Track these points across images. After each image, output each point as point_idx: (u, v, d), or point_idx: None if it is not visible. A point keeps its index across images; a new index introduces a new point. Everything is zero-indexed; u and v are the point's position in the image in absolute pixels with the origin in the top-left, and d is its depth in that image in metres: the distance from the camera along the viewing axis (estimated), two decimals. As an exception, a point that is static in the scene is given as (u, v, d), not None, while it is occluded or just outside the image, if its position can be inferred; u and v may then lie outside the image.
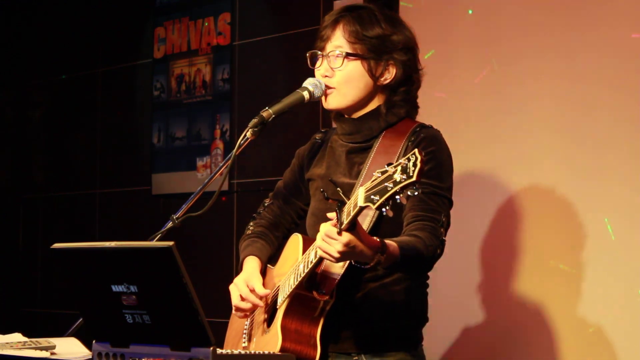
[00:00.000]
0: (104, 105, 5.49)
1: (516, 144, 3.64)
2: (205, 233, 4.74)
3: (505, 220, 3.66)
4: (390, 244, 2.38)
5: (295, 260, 2.61)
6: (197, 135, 4.92)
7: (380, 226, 2.57)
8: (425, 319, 2.74)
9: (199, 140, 4.91)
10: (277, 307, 2.63)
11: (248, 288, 2.68)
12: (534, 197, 3.58)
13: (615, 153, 3.39)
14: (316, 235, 2.38)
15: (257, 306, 2.68)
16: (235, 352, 2.28)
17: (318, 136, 2.91)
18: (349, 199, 2.28)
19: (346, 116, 2.74)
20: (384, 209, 2.14)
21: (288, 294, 2.56)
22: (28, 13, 5.83)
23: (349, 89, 2.68)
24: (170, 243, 2.02)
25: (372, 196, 2.15)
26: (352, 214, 2.23)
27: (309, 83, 2.70)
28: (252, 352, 2.26)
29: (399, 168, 2.12)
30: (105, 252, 2.13)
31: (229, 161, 2.68)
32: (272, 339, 2.56)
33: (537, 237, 3.56)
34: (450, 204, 2.63)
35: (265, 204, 2.95)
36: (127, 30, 5.36)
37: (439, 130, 2.70)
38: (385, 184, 2.13)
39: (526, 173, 3.61)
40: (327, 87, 2.69)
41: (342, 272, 2.53)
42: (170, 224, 2.72)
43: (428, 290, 2.76)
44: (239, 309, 2.70)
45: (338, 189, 2.31)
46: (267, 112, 2.66)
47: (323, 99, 2.71)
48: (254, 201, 3.31)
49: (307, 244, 2.59)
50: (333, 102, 2.70)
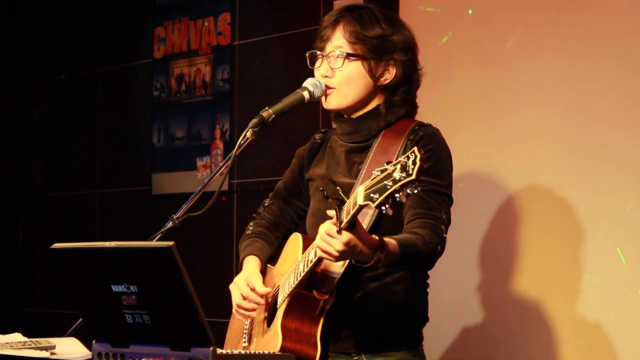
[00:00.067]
0: (104, 105, 5.49)
1: (516, 145, 3.63)
2: (205, 233, 4.73)
3: (505, 220, 3.65)
4: (390, 241, 2.38)
5: (295, 260, 2.61)
6: (197, 135, 4.92)
7: (380, 225, 2.57)
8: (426, 319, 2.74)
9: (199, 140, 4.91)
10: (277, 307, 2.63)
11: (249, 287, 2.68)
12: (534, 197, 3.58)
13: (614, 153, 3.39)
14: (316, 235, 2.38)
15: (259, 305, 2.68)
16: (235, 352, 2.28)
17: (318, 136, 2.90)
18: (348, 198, 2.28)
19: (345, 116, 2.75)
20: (383, 208, 2.14)
21: (288, 293, 2.56)
22: (28, 13, 5.82)
23: (349, 89, 2.68)
24: (170, 243, 2.02)
25: (372, 194, 2.15)
26: (352, 212, 2.23)
27: (309, 83, 2.70)
28: (252, 352, 2.26)
29: (399, 166, 2.12)
30: (105, 252, 2.13)
31: (229, 161, 2.68)
32: (272, 339, 2.56)
33: (537, 237, 3.56)
34: (450, 201, 2.63)
35: (265, 204, 2.95)
36: (127, 30, 5.35)
37: (437, 129, 2.70)
38: (385, 183, 2.13)
39: (526, 173, 3.61)
40: (328, 87, 2.69)
41: (342, 271, 2.53)
42: (170, 224, 2.72)
43: (428, 290, 2.76)
44: (240, 308, 2.70)
45: (338, 188, 2.30)
46: (267, 112, 2.66)
47: (323, 99, 2.71)
48: (254, 201, 3.30)
49: (307, 243, 2.59)
50: (333, 103, 2.70)
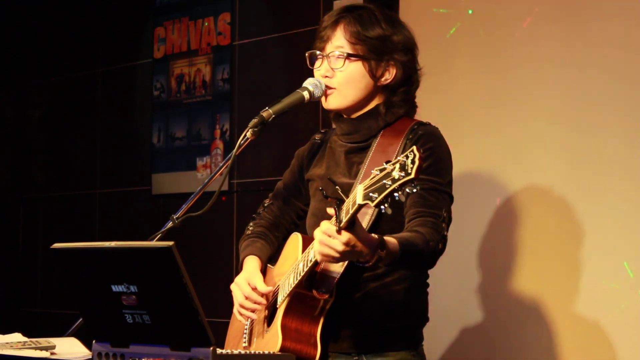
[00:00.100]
0: (104, 105, 5.49)
1: (516, 143, 3.64)
2: (205, 233, 4.73)
3: (504, 220, 3.65)
4: (390, 240, 2.38)
5: (295, 259, 2.61)
6: (197, 135, 4.92)
7: (380, 225, 2.57)
8: (426, 319, 2.74)
9: (199, 140, 4.91)
10: (277, 307, 2.63)
11: (250, 287, 2.68)
12: (533, 197, 3.58)
13: (616, 147, 3.39)
14: (316, 236, 2.37)
15: (261, 304, 2.67)
16: (235, 352, 2.28)
17: (317, 137, 2.90)
18: (347, 198, 2.28)
19: (345, 116, 2.74)
20: (382, 207, 2.14)
21: (288, 293, 2.56)
22: (28, 13, 5.82)
23: (350, 89, 2.68)
24: (170, 243, 2.02)
25: (371, 194, 2.14)
26: (351, 212, 2.22)
27: (309, 83, 2.70)
28: (252, 352, 2.26)
29: (397, 165, 2.11)
30: (105, 252, 2.13)
31: (229, 161, 2.68)
32: (273, 338, 2.56)
33: (537, 238, 3.56)
34: (450, 199, 2.63)
35: (265, 205, 2.95)
36: (127, 30, 5.35)
37: (437, 127, 2.70)
38: (384, 182, 2.13)
39: (526, 174, 3.60)
40: (328, 88, 2.69)
41: (342, 271, 2.53)
42: (170, 224, 2.72)
43: (428, 290, 2.76)
44: (243, 308, 2.69)
45: (337, 187, 2.30)
46: (267, 112, 2.66)
47: (323, 99, 2.71)
48: (254, 201, 3.30)
49: (307, 242, 2.59)
50: (333, 103, 2.70)
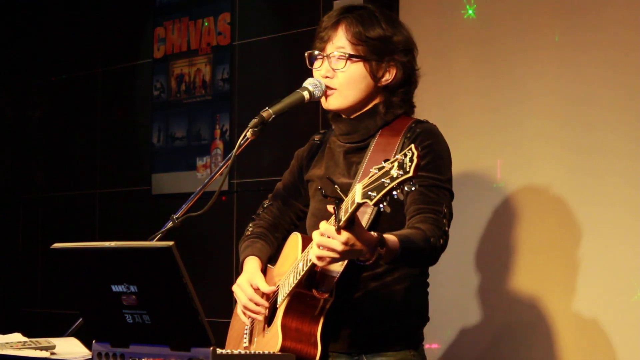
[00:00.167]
0: (104, 105, 5.49)
1: (515, 143, 3.64)
2: (205, 233, 4.73)
3: (504, 220, 3.65)
4: (390, 237, 2.37)
5: (294, 259, 2.61)
6: (197, 135, 4.92)
7: (379, 223, 2.56)
8: (427, 318, 2.74)
9: (198, 140, 4.91)
10: (277, 306, 2.63)
11: (252, 288, 2.68)
12: (532, 196, 3.58)
13: (613, 150, 3.39)
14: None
15: (264, 306, 2.66)
16: (235, 352, 2.28)
17: (317, 137, 2.90)
18: (347, 197, 2.27)
19: (344, 116, 2.75)
20: (381, 205, 2.14)
21: (288, 292, 2.56)
22: (28, 13, 5.82)
23: (351, 90, 2.67)
24: (170, 243, 2.02)
25: (370, 192, 2.14)
26: (350, 210, 2.22)
27: (309, 83, 2.69)
28: (252, 352, 2.26)
29: (396, 164, 2.11)
30: (105, 252, 2.13)
31: (229, 161, 2.68)
32: (273, 338, 2.56)
33: (537, 236, 3.56)
34: (451, 195, 2.62)
35: (265, 205, 2.95)
36: (127, 30, 5.35)
37: (435, 125, 2.69)
38: (382, 180, 2.13)
39: (525, 172, 3.61)
40: (329, 88, 2.69)
41: (342, 270, 2.52)
42: (170, 224, 2.72)
43: (428, 289, 2.76)
44: (247, 310, 2.69)
45: (336, 186, 2.29)
46: (267, 112, 2.66)
47: (323, 99, 2.71)
48: (254, 201, 3.30)
49: (307, 242, 2.59)
50: (334, 103, 2.70)
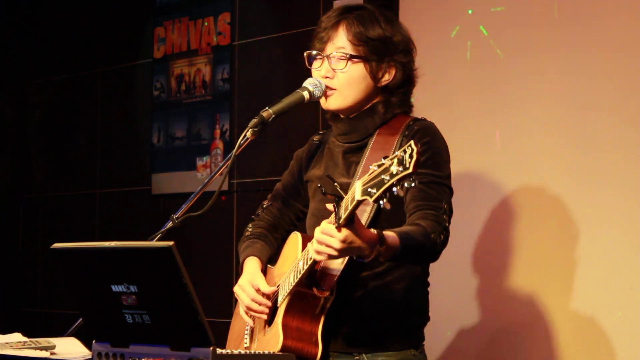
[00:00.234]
0: (104, 105, 5.49)
1: (513, 142, 3.64)
2: (205, 233, 4.73)
3: (503, 220, 3.65)
4: (389, 234, 2.37)
5: (295, 259, 2.61)
6: (197, 135, 4.91)
7: (378, 222, 2.56)
8: (427, 318, 2.74)
9: (198, 140, 4.91)
10: (278, 306, 2.63)
11: (254, 288, 2.68)
12: (531, 196, 3.58)
13: (612, 152, 3.39)
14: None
15: (267, 306, 2.66)
16: (235, 352, 2.28)
17: (316, 138, 2.90)
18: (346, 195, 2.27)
19: (342, 116, 2.74)
20: (381, 202, 2.13)
21: (288, 291, 2.56)
22: (28, 13, 5.82)
23: (351, 90, 2.67)
24: (170, 243, 2.02)
25: (370, 189, 2.14)
26: (350, 208, 2.22)
27: (309, 83, 2.69)
28: (252, 352, 2.26)
29: (395, 160, 2.11)
30: (105, 252, 2.13)
31: (229, 161, 2.68)
32: (274, 338, 2.56)
33: (536, 237, 3.56)
34: (450, 192, 2.62)
35: (264, 206, 2.95)
36: (127, 30, 5.35)
37: (432, 122, 2.70)
38: (382, 177, 2.12)
39: (524, 172, 3.61)
40: (329, 88, 2.68)
41: (342, 268, 2.52)
42: (170, 224, 2.72)
43: (428, 289, 2.75)
44: (250, 310, 2.69)
45: (336, 184, 2.29)
46: (267, 112, 2.66)
47: (323, 99, 2.70)
48: (254, 201, 3.30)
49: (306, 241, 2.58)
50: (334, 103, 2.70)
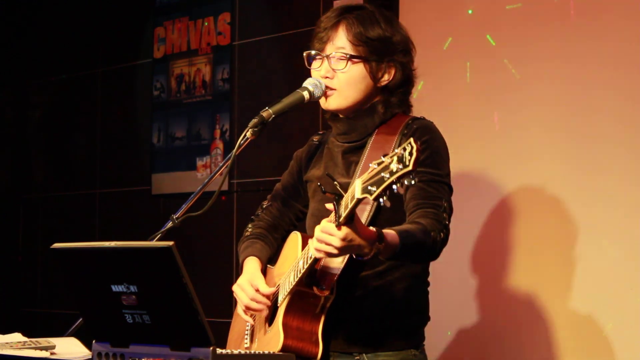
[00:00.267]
0: (104, 105, 5.49)
1: (512, 143, 3.64)
2: (205, 233, 4.73)
3: (503, 220, 3.65)
4: (389, 232, 2.37)
5: (295, 258, 2.61)
6: (197, 135, 4.92)
7: (378, 222, 2.55)
8: (427, 318, 2.74)
9: (198, 140, 4.91)
10: (278, 305, 2.63)
11: (253, 288, 2.68)
12: (530, 196, 3.58)
13: (612, 151, 3.40)
14: (316, 235, 2.37)
15: (265, 305, 2.67)
16: (235, 352, 2.28)
17: (315, 138, 2.90)
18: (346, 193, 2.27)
19: (341, 116, 2.74)
20: (381, 200, 2.13)
21: (288, 291, 2.56)
22: (28, 13, 5.82)
23: (351, 90, 2.67)
24: (170, 243, 2.02)
25: (369, 187, 2.14)
26: (350, 206, 2.22)
27: (309, 83, 2.69)
28: (252, 352, 2.26)
29: (395, 158, 2.11)
30: (105, 252, 2.13)
31: (229, 161, 2.68)
32: (274, 337, 2.56)
33: (536, 237, 3.56)
34: (450, 190, 2.62)
35: (264, 206, 2.95)
36: (127, 30, 5.35)
37: (432, 121, 2.69)
38: (382, 175, 2.12)
39: (523, 172, 3.61)
40: (329, 88, 2.68)
41: (342, 267, 2.52)
42: (170, 224, 2.72)
43: (429, 289, 2.75)
44: (249, 309, 2.69)
45: (336, 182, 2.29)
46: (267, 112, 2.66)
47: (322, 99, 2.70)
48: (254, 201, 3.30)
49: (306, 241, 2.58)
50: (334, 103, 2.70)
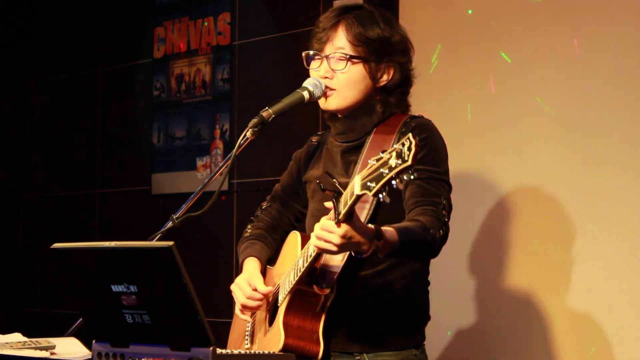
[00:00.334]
0: (104, 105, 5.49)
1: (511, 142, 3.64)
2: (205, 233, 4.73)
3: (503, 219, 3.65)
4: (387, 229, 2.37)
5: (294, 258, 2.61)
6: (197, 135, 4.92)
7: (377, 219, 2.55)
8: (428, 317, 2.74)
9: (198, 140, 4.91)
10: (278, 305, 2.63)
11: (250, 287, 2.68)
12: (531, 196, 3.58)
13: (611, 145, 3.40)
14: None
15: (262, 303, 2.67)
16: (235, 352, 2.28)
17: (314, 139, 2.91)
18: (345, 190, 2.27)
19: (340, 116, 2.74)
20: (380, 195, 2.13)
21: (289, 290, 2.56)
22: (28, 13, 5.82)
23: (350, 91, 2.67)
24: (170, 243, 2.02)
25: (369, 183, 2.14)
26: (349, 203, 2.22)
27: (309, 83, 2.69)
28: (252, 352, 2.26)
29: (394, 153, 2.11)
30: (105, 252, 2.13)
31: (229, 161, 2.68)
32: (275, 337, 2.56)
33: (535, 236, 3.56)
34: (449, 187, 2.62)
35: (263, 207, 2.95)
36: (127, 30, 5.35)
37: (430, 120, 2.70)
38: (381, 170, 2.12)
39: (523, 172, 3.61)
40: (328, 88, 2.68)
41: (342, 265, 2.52)
42: (170, 224, 2.72)
43: (429, 288, 2.76)
44: (245, 307, 2.70)
45: (334, 180, 2.29)
46: (267, 112, 2.66)
47: (322, 99, 2.70)
48: (254, 201, 3.30)
49: (306, 240, 2.59)
50: (333, 104, 2.70)
